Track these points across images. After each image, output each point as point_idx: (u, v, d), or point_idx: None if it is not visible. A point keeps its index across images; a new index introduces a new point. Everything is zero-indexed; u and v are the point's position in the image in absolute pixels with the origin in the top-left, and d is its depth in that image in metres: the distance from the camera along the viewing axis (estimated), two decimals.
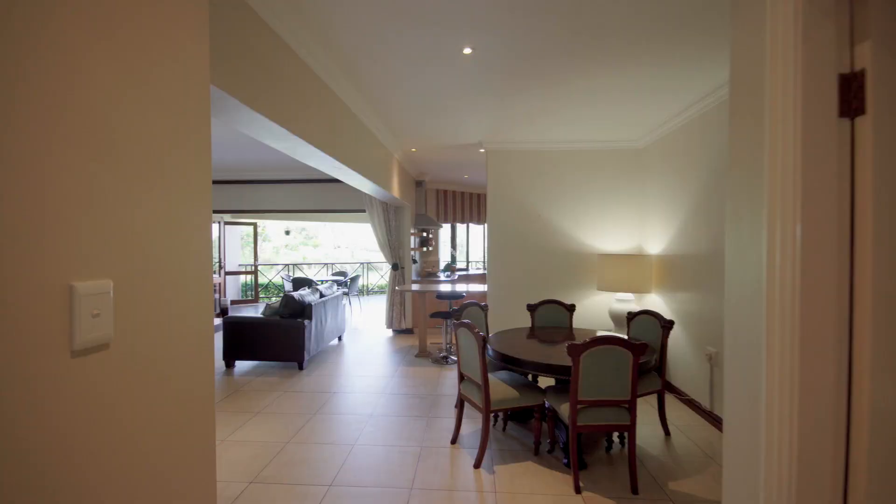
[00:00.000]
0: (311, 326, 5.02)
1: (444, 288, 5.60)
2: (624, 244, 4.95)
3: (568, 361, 2.48)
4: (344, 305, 6.45)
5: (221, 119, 2.18)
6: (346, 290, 9.18)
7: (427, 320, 5.73)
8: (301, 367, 4.89)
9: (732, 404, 1.24)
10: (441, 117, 4.17)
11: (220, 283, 8.42)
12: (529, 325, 4.00)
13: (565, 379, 2.61)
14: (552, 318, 3.94)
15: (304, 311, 5.02)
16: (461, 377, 3.11)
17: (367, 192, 5.30)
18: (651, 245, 4.65)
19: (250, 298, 10.32)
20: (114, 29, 0.79)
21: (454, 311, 3.70)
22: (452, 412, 3.61)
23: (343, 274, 10.40)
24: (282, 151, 3.06)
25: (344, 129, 3.53)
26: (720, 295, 3.33)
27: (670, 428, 3.30)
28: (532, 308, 3.97)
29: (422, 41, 2.60)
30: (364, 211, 6.87)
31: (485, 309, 3.92)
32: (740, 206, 1.21)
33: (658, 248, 4.46)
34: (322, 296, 5.63)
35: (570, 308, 3.93)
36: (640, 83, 3.27)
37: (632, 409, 2.49)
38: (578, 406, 2.46)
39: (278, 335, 4.84)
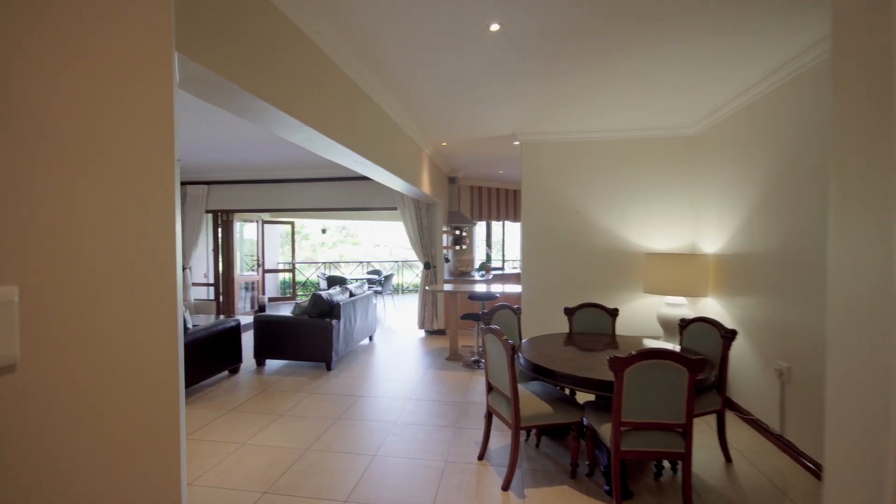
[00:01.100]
0: (340, 326, 4.92)
1: (478, 288, 5.34)
2: (674, 242, 4.49)
3: (610, 376, 2.16)
4: (375, 305, 6.34)
5: (224, 108, 2.04)
6: (379, 288, 9.13)
7: (458, 322, 5.49)
8: (329, 368, 4.79)
9: (838, 444, 0.92)
10: (469, 107, 3.91)
11: (258, 281, 8.59)
12: (566, 330, 3.67)
13: (607, 396, 2.29)
14: (592, 323, 3.59)
15: (332, 310, 4.93)
16: (489, 387, 2.85)
17: (397, 188, 5.13)
18: (706, 243, 4.17)
19: (288, 296, 10.51)
20: None
21: (483, 315, 3.43)
22: (481, 423, 3.35)
23: (377, 272, 10.36)
24: (303, 147, 2.92)
25: (365, 121, 3.36)
26: (795, 301, 2.86)
27: (732, 453, 2.88)
28: (570, 312, 3.64)
29: (442, 17, 2.36)
30: (397, 209, 6.73)
31: (517, 312, 3.63)
32: (852, 190, 0.88)
33: (715, 246, 3.99)
34: (352, 295, 5.53)
35: (613, 312, 3.56)
36: (693, 61, 2.86)
37: (687, 435, 2.13)
38: (622, 428, 2.14)
39: (306, 335, 4.77)
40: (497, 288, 5.44)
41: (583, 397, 3.02)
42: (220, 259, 7.77)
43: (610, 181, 4.63)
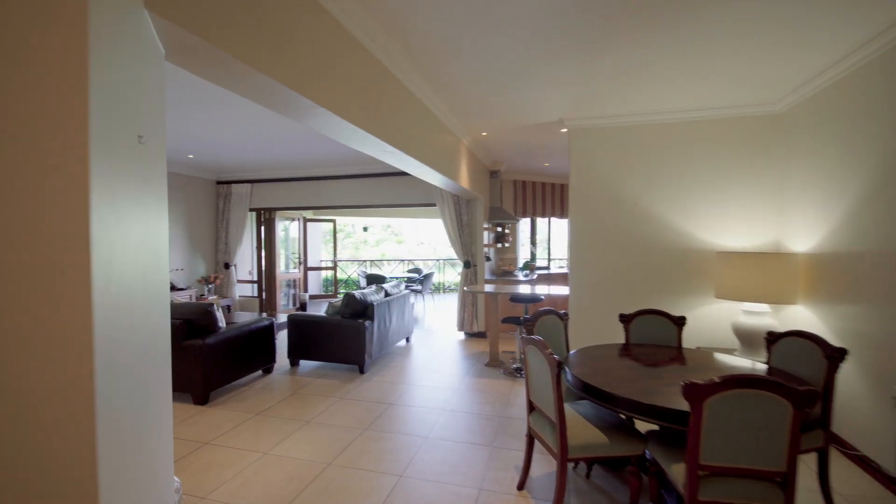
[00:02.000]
0: (374, 327, 4.70)
1: (521, 289, 4.93)
2: (754, 239, 3.85)
3: (683, 403, 1.72)
4: (412, 305, 6.09)
5: (220, 83, 1.81)
6: (418, 287, 8.91)
7: (499, 325, 5.11)
8: (362, 371, 4.58)
9: None
10: (510, 90, 3.53)
11: (299, 279, 8.64)
12: (621, 340, 3.20)
13: (679, 429, 1.84)
14: (653, 333, 3.09)
15: (366, 310, 4.71)
16: (530, 406, 2.47)
17: (434, 182, 4.83)
18: (795, 240, 3.52)
19: (330, 293, 10.56)
20: None
21: (525, 321, 3.04)
22: (521, 442, 2.97)
23: (417, 271, 10.16)
24: (323, 133, 2.68)
25: (392, 106, 3.07)
26: None
27: (836, 499, 2.32)
28: (626, 319, 3.16)
29: None
30: (436, 205, 6.45)
31: (564, 318, 3.21)
32: None
33: (807, 244, 3.34)
34: (387, 295, 5.30)
35: (679, 321, 3.05)
36: (778, 21, 2.32)
37: (788, 486, 1.65)
38: (700, 472, 1.69)
39: (339, 336, 4.59)
40: (542, 289, 5.00)
41: (645, 423, 2.57)
42: (263, 257, 7.85)
43: (673, 169, 4.06)
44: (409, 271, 10.49)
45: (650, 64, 2.98)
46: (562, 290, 4.80)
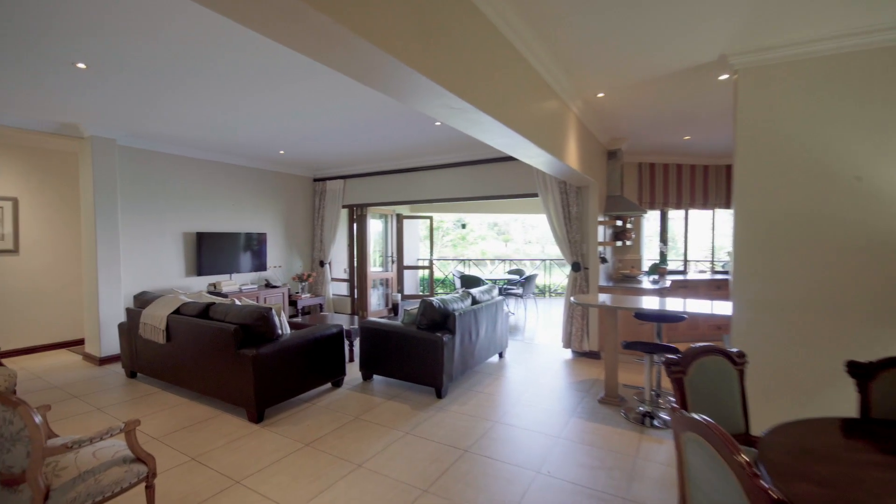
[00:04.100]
0: (455, 342, 3.85)
1: (648, 302, 3.63)
2: None
3: None
4: (507, 314, 5.11)
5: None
6: (518, 290, 7.86)
7: (619, 348, 3.86)
8: (439, 395, 3.77)
9: None
10: (641, 19, 2.34)
11: (391, 278, 8.25)
12: (847, 405, 1.83)
13: None
14: None
15: (446, 321, 3.89)
16: None
17: (530, 162, 3.78)
18: None
19: (426, 294, 10.07)
20: None
21: (673, 363, 1.88)
22: None
23: (519, 272, 9.08)
24: (367, 83, 1.89)
25: (462, 38, 2.14)
26: None
27: None
28: (867, 373, 1.79)
29: None
30: (538, 195, 5.37)
31: (739, 362, 1.97)
32: None
33: None
34: (475, 301, 4.41)
35: None
36: None
37: None
38: None
39: (413, 350, 3.84)
40: (675, 302, 3.61)
41: None
42: (355, 254, 7.59)
43: None
44: (510, 272, 9.47)
45: None
46: (715, 306, 3.36)
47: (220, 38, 2.63)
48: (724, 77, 3.31)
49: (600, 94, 3.72)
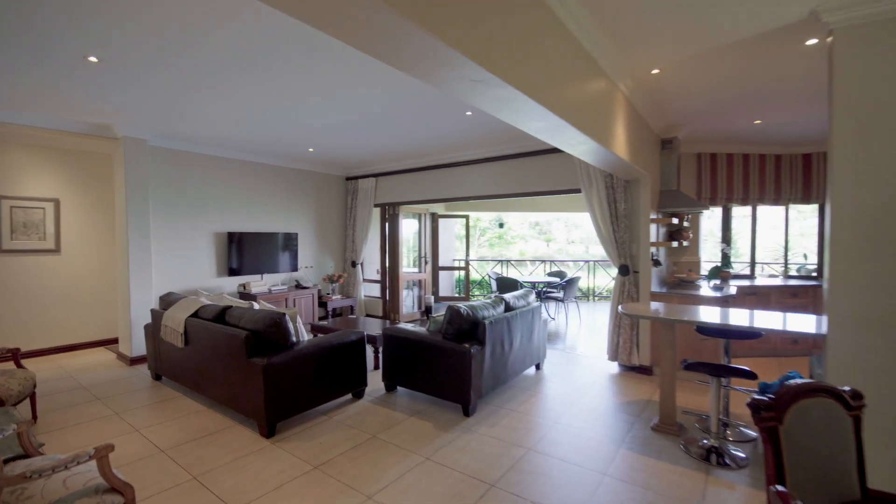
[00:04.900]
0: (486, 353, 3.46)
1: (709, 313, 3.06)
2: None
3: None
4: (545, 321, 4.64)
5: None
6: (558, 294, 7.33)
7: (677, 365, 3.31)
8: (467, 413, 3.39)
9: None
10: None
11: (425, 279, 7.94)
12: None
13: None
14: None
15: (475, 330, 3.51)
16: None
17: (572, 151, 3.31)
18: None
19: (461, 296, 9.70)
20: None
21: (762, 406, 1.40)
22: None
23: (560, 274, 8.50)
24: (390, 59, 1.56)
25: (494, 6, 1.76)
26: None
27: None
28: None
29: None
30: (580, 191, 4.87)
31: (854, 406, 1.47)
32: None
33: None
34: (508, 308, 4.00)
35: None
36: None
37: None
38: None
39: (439, 362, 3.49)
40: (744, 314, 3.01)
41: None
42: (387, 255, 7.35)
43: None
44: (550, 274, 8.91)
45: None
46: (801, 322, 2.75)
47: (245, 29, 2.41)
48: (812, 42, 2.71)
49: (655, 71, 3.20)
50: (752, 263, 5.98)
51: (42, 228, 5.04)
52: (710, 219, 6.07)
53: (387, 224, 7.32)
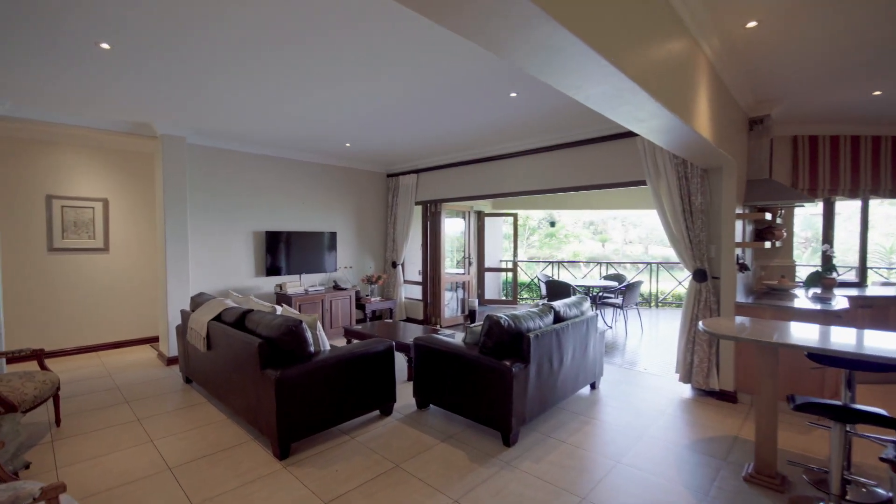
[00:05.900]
0: (531, 372, 2.94)
1: (828, 335, 2.33)
2: None
3: None
4: (602, 332, 4.02)
5: None
6: (616, 300, 6.58)
7: (777, 394, 2.59)
8: (507, 443, 2.88)
9: None
10: None
11: (468, 281, 7.46)
12: None
13: None
14: None
15: (518, 344, 2.99)
16: None
17: (640, 130, 2.71)
18: None
19: (508, 299, 9.12)
20: None
21: None
22: None
23: (618, 278, 7.69)
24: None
25: None
26: None
27: None
28: None
29: None
30: (646, 183, 4.19)
31: None
32: None
33: None
34: (558, 318, 3.44)
35: None
36: None
37: None
38: None
39: (476, 380, 3.01)
40: (868, 336, 2.25)
41: None
42: (428, 255, 6.97)
43: None
44: (607, 277, 8.11)
45: None
46: None
47: (277, 18, 2.09)
48: None
49: (752, 24, 2.52)
50: (864, 269, 4.93)
51: (91, 227, 5.15)
52: (798, 216, 5.08)
53: (428, 223, 6.94)
